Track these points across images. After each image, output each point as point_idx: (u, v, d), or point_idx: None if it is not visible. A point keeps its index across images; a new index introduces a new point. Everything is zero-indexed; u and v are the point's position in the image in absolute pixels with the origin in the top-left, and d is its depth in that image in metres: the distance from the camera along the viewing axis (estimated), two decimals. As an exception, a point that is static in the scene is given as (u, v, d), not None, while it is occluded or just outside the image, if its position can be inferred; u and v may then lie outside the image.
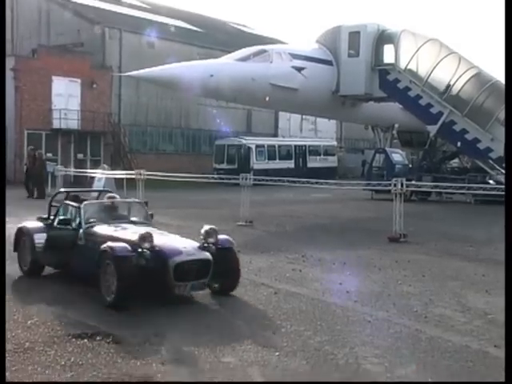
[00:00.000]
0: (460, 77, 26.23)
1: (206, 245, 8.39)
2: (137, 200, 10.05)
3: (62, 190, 10.82)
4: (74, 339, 6.58)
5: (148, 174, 20.50)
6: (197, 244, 8.39)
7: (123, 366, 5.82)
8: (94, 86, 37.26)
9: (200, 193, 26.16)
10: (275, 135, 48.48)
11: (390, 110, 30.08)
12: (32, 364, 5.83)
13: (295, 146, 43.75)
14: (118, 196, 9.78)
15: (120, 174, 23.87)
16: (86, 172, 27.71)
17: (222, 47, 37.09)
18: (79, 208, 9.24)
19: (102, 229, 8.89)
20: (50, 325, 7.10)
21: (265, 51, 24.51)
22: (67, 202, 9.97)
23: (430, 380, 5.69)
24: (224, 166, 37.53)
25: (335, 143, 48.73)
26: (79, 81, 36.79)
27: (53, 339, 6.58)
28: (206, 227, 8.60)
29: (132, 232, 8.55)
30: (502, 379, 4.97)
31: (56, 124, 35.50)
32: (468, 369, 6.04)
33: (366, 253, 12.62)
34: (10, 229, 14.40)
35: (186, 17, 50.02)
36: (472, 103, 25.65)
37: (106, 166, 27.29)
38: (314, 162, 43.59)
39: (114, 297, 7.71)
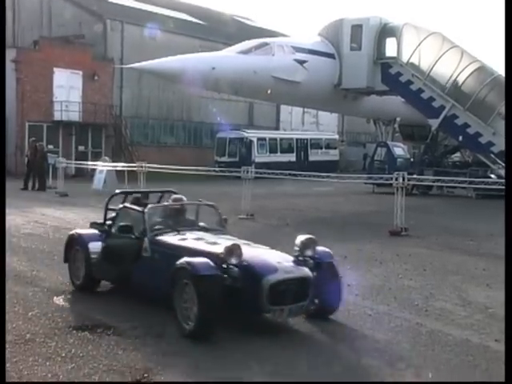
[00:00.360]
0: (462, 71, 26.17)
1: (301, 258, 6.99)
2: (208, 202, 8.64)
3: (118, 191, 9.28)
4: (74, 331, 6.58)
5: (149, 167, 20.52)
6: (291, 257, 7.00)
7: (124, 358, 5.82)
8: (96, 78, 37.21)
9: (201, 186, 26.09)
10: (277, 128, 48.44)
11: (391, 104, 30.05)
12: (33, 355, 5.83)
13: (297, 139, 43.71)
14: (184, 197, 8.44)
15: (121, 166, 23.88)
16: (87, 164, 27.75)
17: (225, 40, 37.01)
18: (143, 212, 7.81)
19: (172, 238, 7.52)
20: (51, 316, 7.10)
21: (267, 44, 24.45)
22: (127, 205, 8.66)
23: (430, 374, 5.69)
24: (225, 158, 37.51)
25: (337, 136, 48.68)
26: (81, 73, 36.73)
27: (54, 331, 6.58)
28: (303, 237, 7.17)
29: (210, 242, 7.26)
30: (502, 374, 4.96)
31: (57, 116, 35.46)
32: (468, 363, 6.04)
33: (367, 246, 12.62)
34: (11, 220, 14.50)
35: (188, 9, 49.88)
36: (474, 97, 25.60)
37: (107, 158, 27.30)
38: (315, 156, 43.55)
39: (195, 325, 6.34)
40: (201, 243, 7.27)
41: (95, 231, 8.59)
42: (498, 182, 15.37)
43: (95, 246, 8.24)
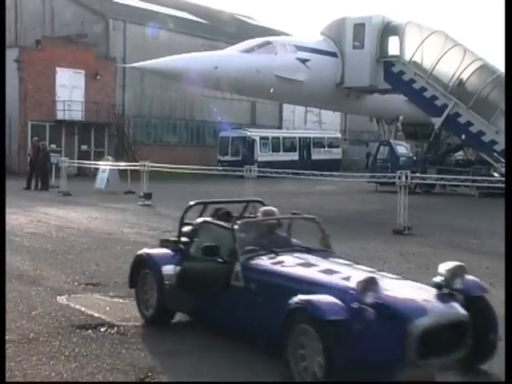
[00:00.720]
0: (465, 69, 26.15)
1: (446, 292, 5.37)
2: (308, 215, 7.26)
3: (192, 202, 7.49)
4: (78, 330, 6.58)
5: (152, 166, 20.53)
6: (434, 290, 5.38)
7: (127, 357, 5.82)
8: (98, 77, 37.28)
9: (204, 185, 26.15)
10: (279, 127, 48.48)
11: (394, 102, 30.04)
12: (36, 354, 5.83)
13: (299, 138, 43.72)
14: (275, 210, 7.11)
15: (124, 165, 23.91)
16: (90, 163, 27.78)
17: (227, 39, 37.04)
18: (232, 229, 6.33)
19: (271, 263, 5.99)
20: (55, 315, 7.09)
21: (269, 43, 24.45)
22: (208, 219, 7.12)
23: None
24: (228, 157, 37.54)
25: (339, 135, 48.67)
26: (83, 72, 36.82)
27: (57, 330, 6.58)
28: (450, 264, 5.66)
29: (325, 270, 5.74)
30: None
31: (60, 115, 35.55)
32: (472, 361, 6.00)
33: (371, 245, 12.60)
34: (13, 220, 14.52)
35: (190, 8, 49.95)
36: (477, 95, 25.57)
37: (109, 157, 27.34)
38: (318, 154, 43.56)
39: (321, 382, 4.90)
40: (314, 272, 5.73)
41: (168, 251, 7.03)
42: (500, 181, 15.33)
43: (169, 270, 6.71)
